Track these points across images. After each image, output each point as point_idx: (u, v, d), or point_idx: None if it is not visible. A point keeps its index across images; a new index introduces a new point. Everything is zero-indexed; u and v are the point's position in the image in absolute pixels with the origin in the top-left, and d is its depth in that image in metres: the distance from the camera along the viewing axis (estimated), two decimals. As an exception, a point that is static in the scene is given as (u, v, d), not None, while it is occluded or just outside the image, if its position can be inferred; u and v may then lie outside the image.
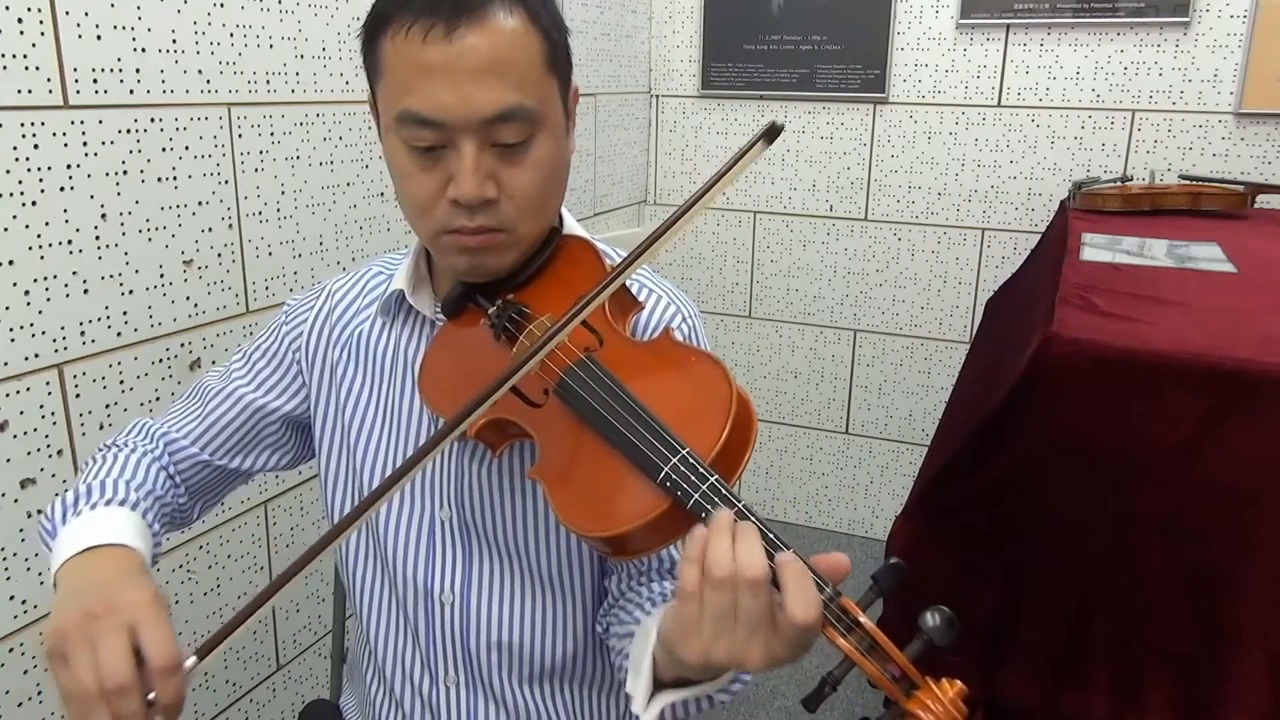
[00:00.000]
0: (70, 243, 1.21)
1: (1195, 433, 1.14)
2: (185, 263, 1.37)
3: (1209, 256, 1.69)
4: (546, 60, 0.83)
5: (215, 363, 1.41)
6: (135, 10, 1.25)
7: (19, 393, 1.17)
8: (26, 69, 1.13)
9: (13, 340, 1.16)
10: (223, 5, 1.37)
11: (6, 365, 1.16)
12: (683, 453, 0.68)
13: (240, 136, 1.43)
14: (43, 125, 1.16)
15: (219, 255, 1.43)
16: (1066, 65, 2.48)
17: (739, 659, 0.65)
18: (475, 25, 0.78)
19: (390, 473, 0.94)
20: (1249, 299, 1.43)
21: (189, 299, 1.39)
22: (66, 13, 1.17)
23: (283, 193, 1.52)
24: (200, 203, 1.38)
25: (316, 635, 1.74)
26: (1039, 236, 2.44)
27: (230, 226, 1.44)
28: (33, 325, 1.18)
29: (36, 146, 1.15)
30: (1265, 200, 2.26)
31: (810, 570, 0.65)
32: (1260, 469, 1.13)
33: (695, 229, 2.93)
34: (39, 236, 1.17)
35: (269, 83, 1.47)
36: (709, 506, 0.66)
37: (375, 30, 0.83)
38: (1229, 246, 1.76)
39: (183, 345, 1.39)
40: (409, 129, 0.80)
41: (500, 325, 0.85)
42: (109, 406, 1.29)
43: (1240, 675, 1.14)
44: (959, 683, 0.63)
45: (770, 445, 2.99)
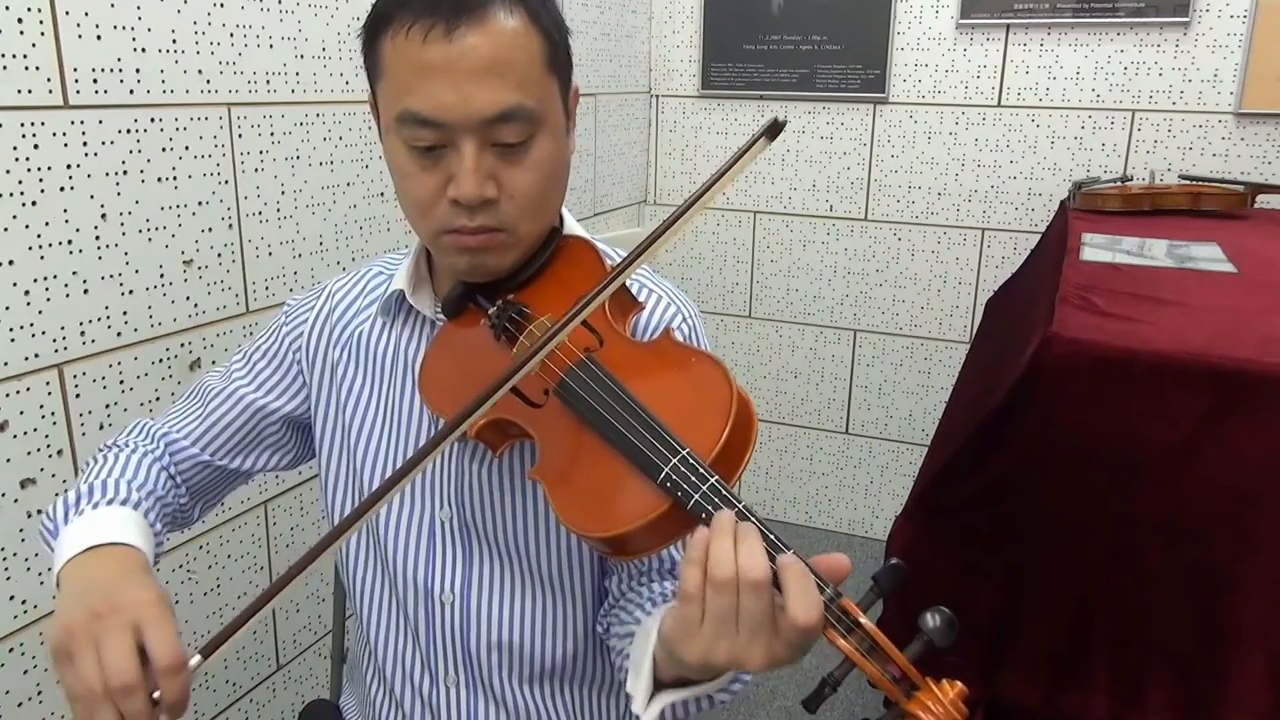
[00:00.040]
0: (70, 243, 1.21)
1: (1195, 433, 1.14)
2: (185, 263, 1.37)
3: (1209, 256, 1.69)
4: (547, 60, 0.83)
5: (215, 363, 1.41)
6: (135, 10, 1.25)
7: (19, 393, 1.17)
8: (26, 69, 1.13)
9: (13, 340, 1.16)
10: (223, 5, 1.37)
11: (6, 365, 1.16)
12: (683, 453, 0.68)
13: (240, 136, 1.43)
14: (43, 125, 1.16)
15: (219, 255, 1.43)
16: (1066, 65, 2.48)
17: (740, 660, 0.65)
18: (476, 25, 0.78)
19: (390, 473, 0.95)
20: (1249, 299, 1.43)
21: (189, 299, 1.39)
22: (66, 13, 1.17)
23: (283, 193, 1.52)
24: (200, 203, 1.38)
25: (316, 635, 1.74)
26: (1039, 236, 2.44)
27: (230, 226, 1.44)
28: (33, 325, 1.18)
29: (36, 146, 1.15)
30: (1265, 200, 2.26)
31: (811, 571, 0.65)
32: (1260, 469, 1.13)
33: (695, 229, 2.93)
34: (39, 236, 1.17)
35: (269, 83, 1.47)
36: (709, 507, 0.66)
37: (375, 30, 0.83)
38: (1229, 246, 1.76)
39: (183, 345, 1.39)
40: (409, 129, 0.80)
41: (500, 325, 0.85)
42: (109, 406, 1.29)
43: (1240, 675, 1.14)
44: (959, 683, 0.63)
45: (770, 445, 2.99)
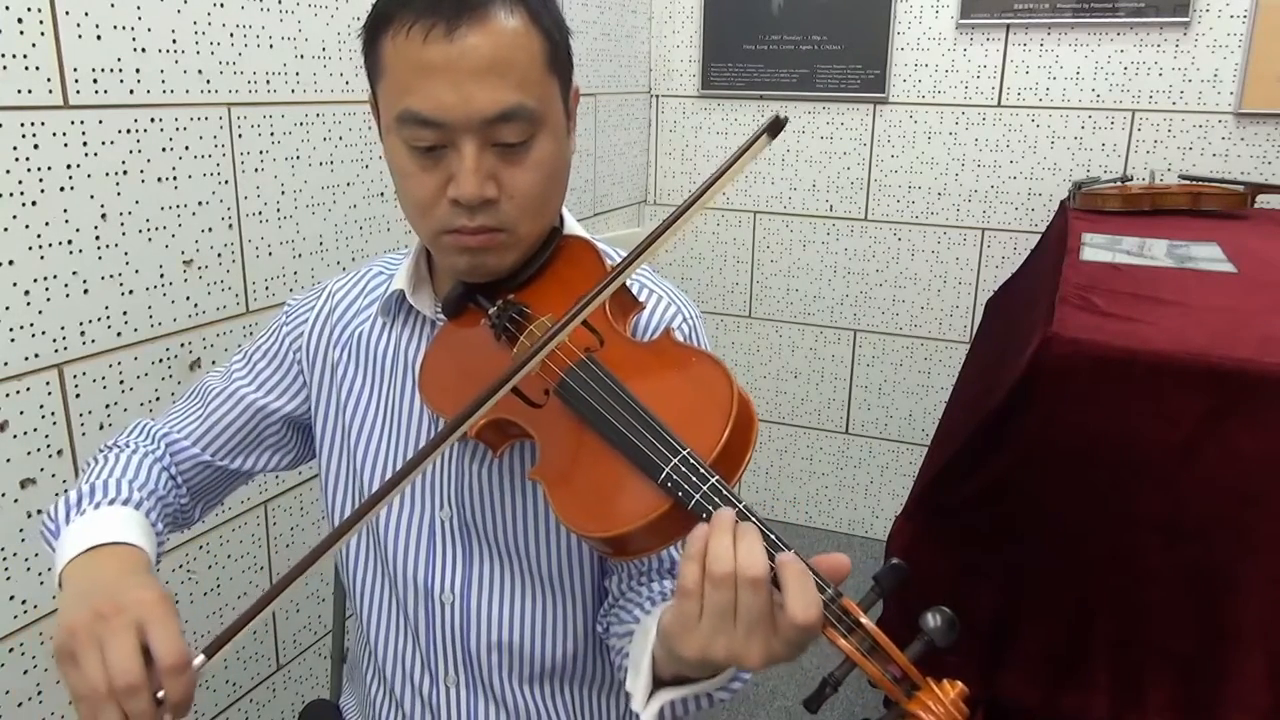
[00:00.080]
0: (70, 243, 1.21)
1: (1195, 433, 1.14)
2: (185, 263, 1.37)
3: (1209, 256, 1.69)
4: (547, 60, 0.83)
5: (215, 363, 1.41)
6: (135, 10, 1.25)
7: (19, 393, 1.17)
8: (26, 69, 1.13)
9: (13, 340, 1.16)
10: (223, 5, 1.37)
11: (6, 365, 1.16)
12: (683, 453, 0.68)
13: (240, 136, 1.43)
14: (43, 125, 1.16)
15: (219, 255, 1.43)
16: (1066, 65, 2.48)
17: (738, 657, 0.65)
18: (476, 25, 0.78)
19: (390, 473, 0.94)
20: (1249, 299, 1.43)
21: (189, 299, 1.39)
22: (66, 13, 1.17)
23: (283, 193, 1.52)
24: (200, 203, 1.38)
25: (316, 635, 1.74)
26: (1039, 236, 2.44)
27: (230, 226, 1.44)
28: (33, 325, 1.18)
29: (36, 146, 1.15)
30: (1265, 200, 2.26)
31: (811, 571, 0.65)
32: (1260, 469, 1.13)
33: (695, 229, 2.93)
34: (39, 236, 1.17)
35: (269, 83, 1.47)
36: (710, 507, 0.66)
37: (376, 30, 0.83)
38: (1229, 246, 1.76)
39: (183, 345, 1.39)
40: (410, 129, 0.80)
41: (501, 325, 0.85)
42: (109, 406, 1.29)
43: (1240, 675, 1.14)
44: (960, 684, 0.63)
45: (770, 445, 2.99)
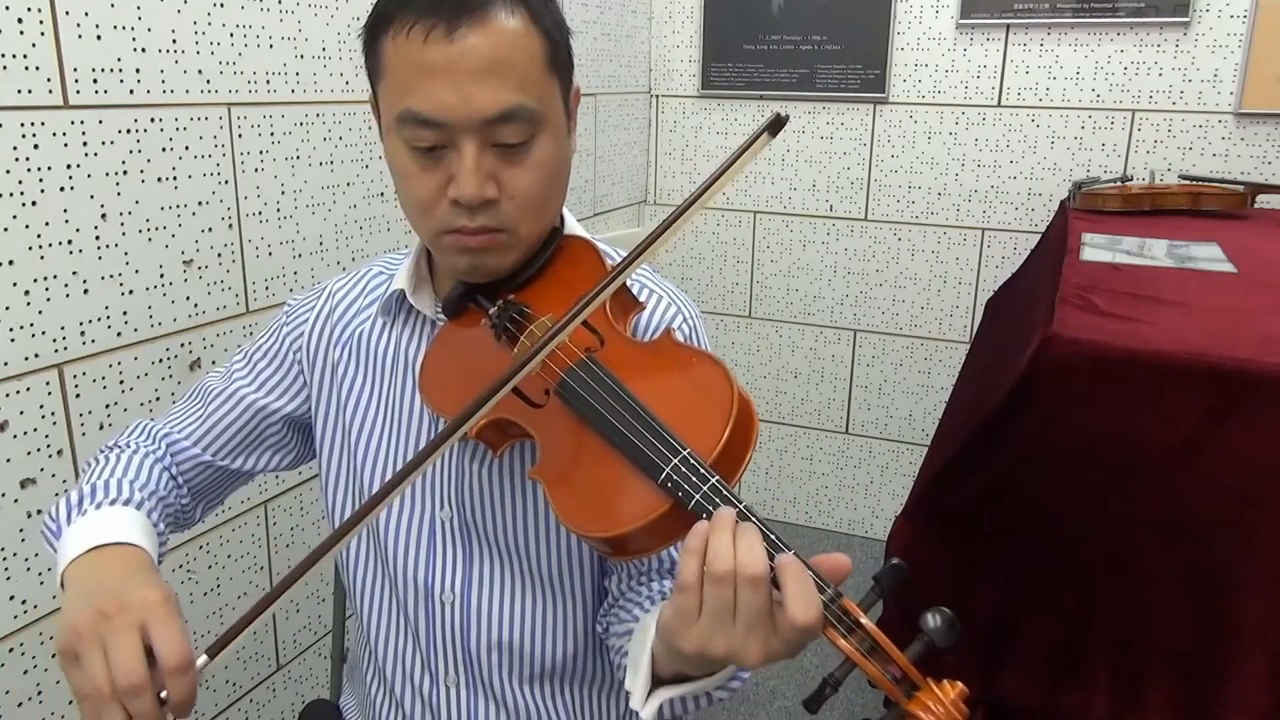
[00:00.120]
0: (70, 243, 1.21)
1: (1195, 433, 1.14)
2: (185, 263, 1.37)
3: (1209, 256, 1.69)
4: (548, 60, 0.83)
5: (215, 363, 1.41)
6: (135, 10, 1.25)
7: (19, 393, 1.17)
8: (26, 69, 1.13)
9: (13, 340, 1.16)
10: (223, 5, 1.37)
11: (6, 365, 1.16)
12: (684, 453, 0.68)
13: (240, 136, 1.43)
14: (43, 125, 1.16)
15: (219, 255, 1.43)
16: (1066, 65, 2.48)
17: (736, 654, 0.66)
18: (477, 25, 0.78)
19: (391, 473, 0.95)
20: (1249, 299, 1.43)
21: (189, 299, 1.39)
22: (66, 13, 1.17)
23: (283, 193, 1.52)
24: (200, 203, 1.38)
25: (316, 635, 1.74)
26: (1039, 236, 2.44)
27: (230, 226, 1.44)
28: (33, 325, 1.18)
29: (36, 146, 1.15)
30: (1265, 200, 2.26)
31: (811, 571, 0.65)
32: (1260, 469, 1.13)
33: (695, 229, 2.93)
34: (39, 236, 1.17)
35: (269, 83, 1.47)
36: (710, 507, 0.66)
37: (376, 30, 0.83)
38: (1229, 246, 1.76)
39: (183, 345, 1.39)
40: (410, 129, 0.80)
41: (501, 325, 0.85)
42: (109, 406, 1.29)
43: (1240, 675, 1.14)
44: (960, 684, 0.63)
45: (770, 445, 2.99)
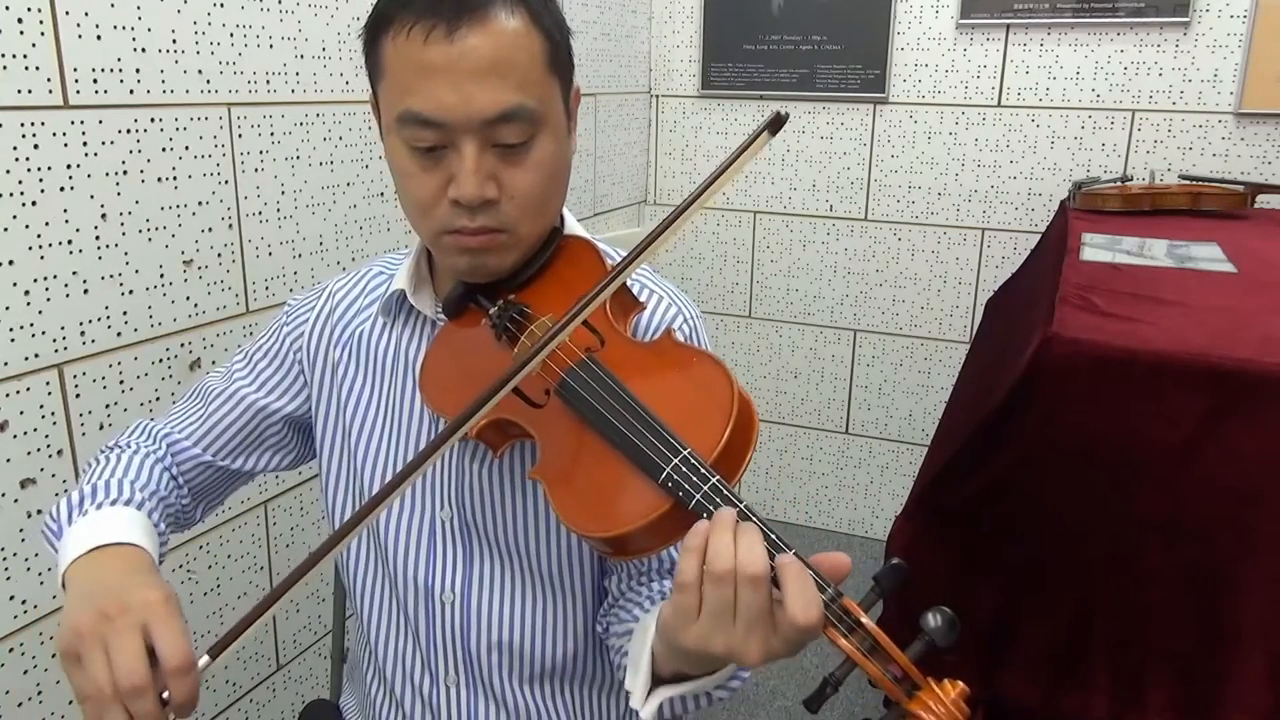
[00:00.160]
0: (70, 243, 1.21)
1: (1195, 433, 1.14)
2: (185, 263, 1.37)
3: (1209, 256, 1.69)
4: (548, 61, 0.83)
5: (215, 363, 1.41)
6: (135, 10, 1.25)
7: (19, 393, 1.17)
8: (26, 69, 1.13)
9: (13, 340, 1.16)
10: (223, 5, 1.37)
11: (6, 365, 1.16)
12: (684, 453, 0.68)
13: (240, 136, 1.43)
14: (43, 125, 1.16)
15: (219, 255, 1.43)
16: (1066, 65, 2.48)
17: (736, 652, 0.66)
18: (477, 25, 0.78)
19: (391, 473, 0.95)
20: (1249, 299, 1.43)
21: (189, 299, 1.39)
22: (66, 13, 1.17)
23: (283, 193, 1.52)
24: (200, 203, 1.38)
25: (316, 635, 1.74)
26: (1039, 236, 2.44)
27: (230, 226, 1.44)
28: (33, 325, 1.18)
29: (36, 146, 1.15)
30: (1265, 200, 2.26)
31: (811, 571, 0.65)
32: (1260, 469, 1.13)
33: (695, 229, 2.93)
34: (39, 236, 1.17)
35: (269, 83, 1.47)
36: (710, 507, 0.66)
37: (377, 30, 0.83)
38: (1229, 246, 1.76)
39: (183, 345, 1.39)
40: (410, 129, 0.80)
41: (501, 325, 0.85)
42: (109, 406, 1.29)
43: (1240, 675, 1.14)
44: (960, 683, 0.63)
45: (770, 445, 2.99)
